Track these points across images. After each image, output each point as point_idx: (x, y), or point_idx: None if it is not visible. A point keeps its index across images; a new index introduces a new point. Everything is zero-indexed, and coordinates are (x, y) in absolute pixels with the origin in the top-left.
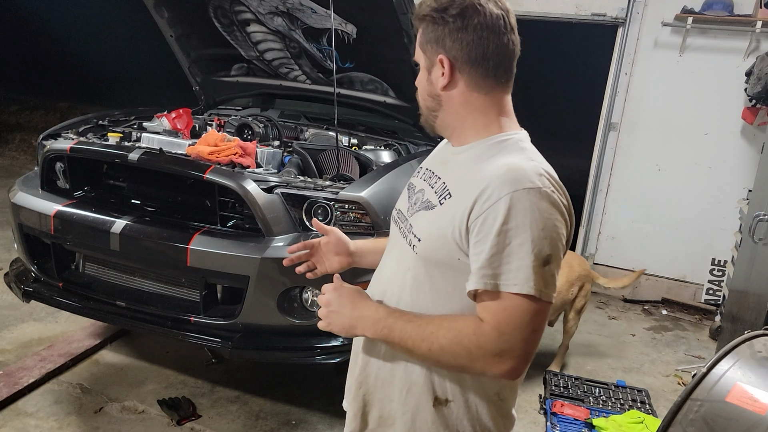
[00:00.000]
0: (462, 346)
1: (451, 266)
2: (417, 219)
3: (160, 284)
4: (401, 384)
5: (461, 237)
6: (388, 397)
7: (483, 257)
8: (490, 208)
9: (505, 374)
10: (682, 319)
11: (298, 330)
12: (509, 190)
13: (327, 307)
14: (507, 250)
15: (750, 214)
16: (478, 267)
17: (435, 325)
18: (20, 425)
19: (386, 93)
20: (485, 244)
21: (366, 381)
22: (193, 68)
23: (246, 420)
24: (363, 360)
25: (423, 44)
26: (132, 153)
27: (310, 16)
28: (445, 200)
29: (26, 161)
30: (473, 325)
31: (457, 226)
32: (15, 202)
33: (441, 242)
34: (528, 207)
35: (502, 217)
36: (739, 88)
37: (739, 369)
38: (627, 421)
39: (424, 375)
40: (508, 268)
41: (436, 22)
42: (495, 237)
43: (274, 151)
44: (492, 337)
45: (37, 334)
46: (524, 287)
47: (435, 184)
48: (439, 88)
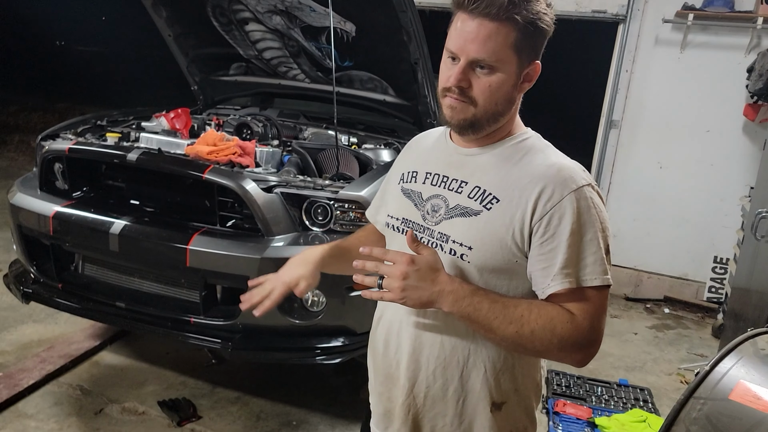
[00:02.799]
0: (554, 334)
1: (506, 270)
2: (454, 227)
3: (159, 285)
4: (456, 396)
5: (522, 239)
6: (441, 413)
7: (560, 257)
8: (555, 208)
9: (585, 361)
10: (684, 317)
11: (298, 330)
12: (570, 189)
13: (403, 280)
14: (581, 247)
15: (752, 211)
16: (559, 267)
17: (524, 308)
18: (20, 427)
19: (386, 91)
20: (556, 244)
21: (415, 403)
22: (192, 68)
23: (246, 421)
24: (407, 381)
25: (519, 46)
26: (131, 153)
27: (309, 15)
28: (492, 205)
29: (25, 162)
30: (566, 314)
31: (518, 229)
32: (14, 203)
33: (498, 247)
34: (590, 204)
35: (570, 216)
36: (740, 85)
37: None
38: (630, 420)
39: (480, 382)
40: (584, 264)
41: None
42: (568, 236)
43: (274, 151)
44: (585, 328)
45: (37, 336)
46: (603, 279)
47: (463, 189)
48: (520, 92)
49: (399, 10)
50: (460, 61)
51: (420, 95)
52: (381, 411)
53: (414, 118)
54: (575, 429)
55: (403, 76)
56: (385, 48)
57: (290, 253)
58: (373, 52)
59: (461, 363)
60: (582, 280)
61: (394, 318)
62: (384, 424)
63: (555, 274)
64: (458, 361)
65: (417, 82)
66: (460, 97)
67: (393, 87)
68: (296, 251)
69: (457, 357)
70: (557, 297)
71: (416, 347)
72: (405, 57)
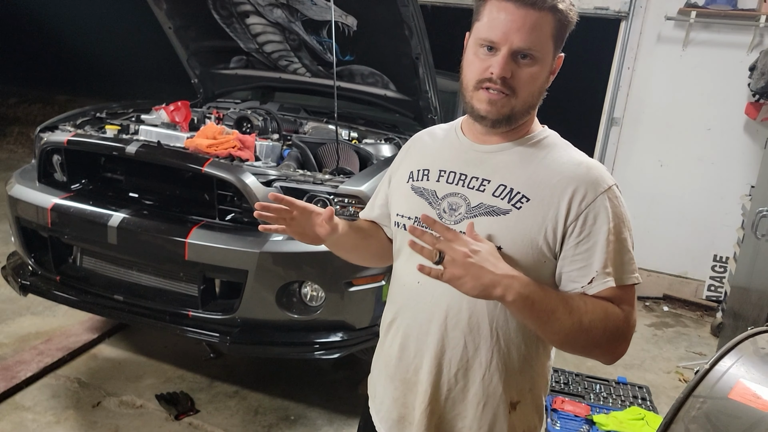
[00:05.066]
0: (609, 326)
1: (534, 270)
2: (479, 226)
3: (158, 278)
4: (476, 399)
5: (555, 239)
6: (460, 415)
7: (599, 257)
8: (589, 208)
9: (621, 356)
10: (683, 315)
11: (297, 325)
12: (602, 189)
13: (470, 257)
14: (618, 246)
15: (753, 210)
16: (601, 267)
17: (578, 300)
18: (18, 419)
19: (387, 86)
20: (592, 243)
21: (437, 407)
22: (192, 60)
23: (244, 415)
24: (430, 386)
25: (555, 37)
26: (130, 146)
27: (310, 8)
28: (522, 204)
29: (24, 154)
30: (617, 309)
31: (551, 229)
32: (12, 195)
33: (528, 247)
34: (619, 203)
35: (605, 216)
36: (742, 83)
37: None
38: (628, 417)
39: (502, 383)
40: (621, 261)
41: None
42: (606, 236)
43: (273, 145)
44: (630, 323)
45: (35, 328)
46: (636, 278)
47: (485, 186)
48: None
49: (401, 5)
50: (502, 50)
51: (421, 90)
52: (395, 417)
53: (415, 114)
54: (573, 426)
55: (405, 71)
56: (387, 42)
57: (289, 247)
58: (374, 47)
59: (483, 365)
60: (622, 279)
61: (413, 323)
62: (397, 429)
63: (597, 274)
64: (480, 364)
65: (418, 78)
66: (503, 88)
67: (394, 82)
68: (295, 246)
69: (480, 359)
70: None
71: (440, 349)
72: (406, 52)
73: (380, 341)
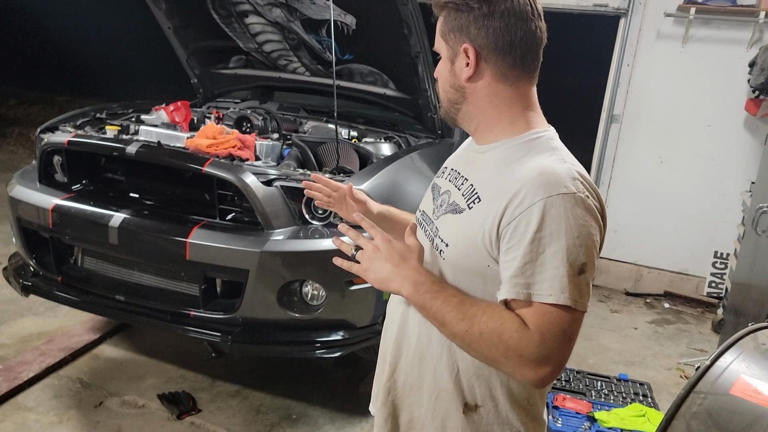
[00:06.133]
0: (501, 340)
1: (479, 273)
2: (444, 222)
3: (159, 278)
4: (430, 390)
5: (491, 244)
6: (417, 402)
7: (515, 265)
8: (522, 214)
9: (538, 381)
10: (684, 312)
11: (298, 324)
12: (543, 195)
13: (373, 253)
14: (541, 258)
15: (753, 206)
16: (510, 275)
17: (479, 308)
18: (20, 420)
19: (386, 85)
20: (517, 252)
21: (394, 387)
22: (191, 60)
23: (246, 414)
24: (390, 366)
25: (445, 33)
26: (130, 146)
27: (309, 7)
28: (474, 204)
29: (25, 155)
30: (518, 323)
31: (488, 232)
32: (13, 196)
33: (470, 249)
34: (562, 213)
35: (535, 223)
36: (742, 80)
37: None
38: (629, 414)
39: (453, 382)
40: (542, 278)
41: (459, 8)
42: (528, 245)
43: (273, 144)
44: (534, 341)
45: (37, 329)
46: (559, 297)
47: (462, 186)
48: (463, 79)
49: (399, 3)
50: None
51: (420, 89)
52: (375, 390)
53: (414, 112)
54: (574, 423)
55: (404, 69)
56: (386, 41)
57: (290, 247)
58: (373, 46)
59: (434, 360)
60: (533, 294)
61: (393, 308)
62: (376, 404)
63: (505, 281)
64: (432, 357)
65: (417, 76)
66: None
67: (393, 80)
68: (296, 245)
69: (432, 352)
70: (512, 306)
71: (399, 334)
72: (405, 50)
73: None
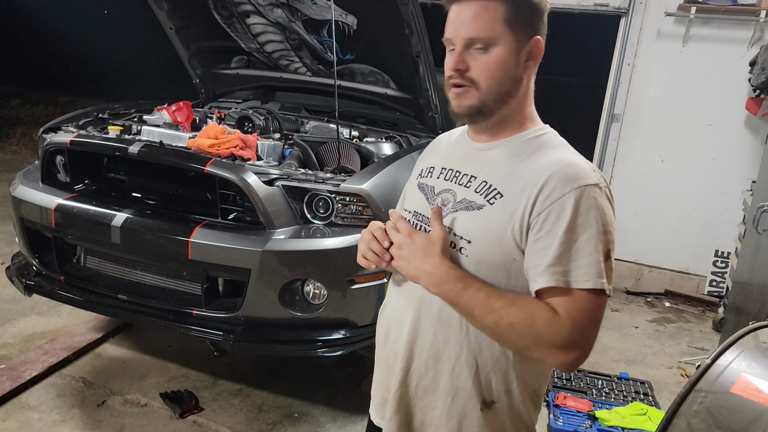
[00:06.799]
0: (533, 329)
1: (504, 267)
2: (457, 220)
3: (161, 277)
4: (446, 390)
5: (521, 235)
6: (431, 405)
7: (551, 254)
8: (554, 205)
9: (568, 365)
10: (685, 311)
11: (299, 323)
12: (572, 186)
13: (398, 250)
14: (575, 246)
15: (754, 205)
16: (547, 264)
17: (506, 300)
18: (23, 419)
19: (387, 85)
20: (550, 241)
21: (407, 392)
22: (193, 61)
23: (248, 413)
24: (401, 371)
25: (512, 21)
26: (132, 146)
27: (310, 8)
28: (495, 200)
29: (27, 155)
30: (548, 311)
31: (517, 224)
32: (16, 196)
33: (496, 243)
34: (592, 203)
35: (569, 213)
36: (742, 79)
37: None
38: (630, 413)
39: (471, 379)
40: (578, 264)
41: (529, 3)
42: (563, 234)
43: (275, 144)
44: (566, 327)
45: (40, 328)
46: (596, 282)
47: (471, 183)
48: (524, 70)
49: (401, 3)
50: (456, 46)
51: (421, 88)
52: (379, 399)
53: (415, 112)
54: (576, 422)
55: (405, 69)
56: (387, 41)
57: (291, 246)
58: (374, 45)
59: (452, 358)
60: (572, 281)
61: (396, 308)
62: (381, 412)
63: (543, 271)
64: (449, 356)
65: (418, 76)
66: (460, 80)
67: (394, 80)
68: (298, 244)
69: (449, 351)
70: (545, 294)
71: (411, 337)
72: (407, 50)
73: (377, 327)
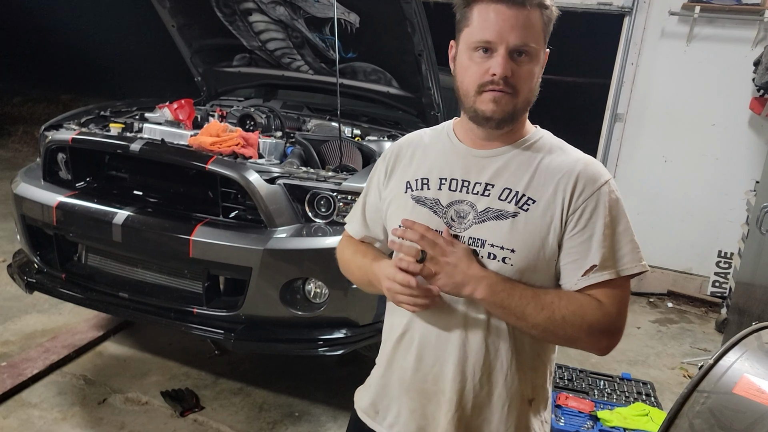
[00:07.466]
0: (584, 320)
1: (540, 269)
2: (488, 231)
3: (162, 275)
4: (501, 401)
5: (560, 235)
6: (486, 420)
7: (595, 250)
8: (587, 202)
9: (611, 347)
10: (687, 311)
11: (301, 321)
12: (599, 184)
13: (443, 257)
14: (616, 238)
15: (757, 205)
16: (600, 260)
17: (553, 296)
18: (24, 416)
19: (389, 83)
20: (588, 236)
21: (464, 415)
22: (195, 59)
23: (249, 412)
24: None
25: (545, 32)
26: (134, 144)
27: (313, 6)
28: (529, 206)
29: (29, 153)
30: (595, 302)
31: (558, 225)
32: (17, 194)
33: (539, 247)
34: (616, 196)
35: (603, 209)
36: (746, 79)
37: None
38: (632, 413)
39: (521, 382)
40: (622, 254)
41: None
42: (603, 229)
43: (277, 142)
44: (614, 315)
45: (41, 326)
46: (640, 266)
47: (489, 191)
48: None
49: (403, 1)
50: (499, 50)
51: (424, 87)
52: (414, 429)
53: (418, 110)
54: (577, 422)
55: (407, 67)
56: (389, 39)
57: (292, 244)
58: (377, 44)
59: (505, 366)
60: (621, 270)
61: (428, 332)
62: None
63: (596, 268)
64: (502, 365)
65: (421, 74)
66: (505, 88)
67: (397, 79)
68: (299, 243)
69: (500, 361)
70: (591, 287)
71: (461, 357)
72: (409, 49)
73: (389, 355)
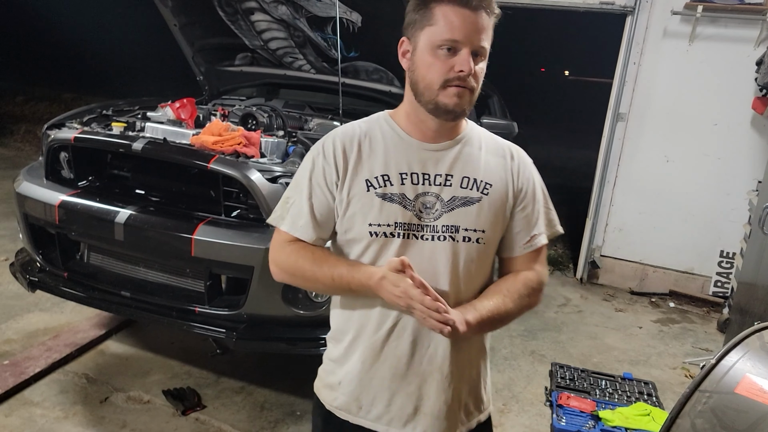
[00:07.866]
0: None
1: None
2: (459, 217)
3: (164, 274)
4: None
5: (511, 208)
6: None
7: (538, 220)
8: (527, 178)
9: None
10: (689, 311)
11: (302, 321)
12: (527, 161)
13: None
14: (548, 206)
15: (759, 205)
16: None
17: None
18: (26, 414)
19: (391, 82)
20: (534, 207)
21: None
22: (197, 58)
23: (251, 410)
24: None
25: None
26: (136, 143)
27: (315, 5)
28: (488, 190)
29: (31, 152)
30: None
31: (510, 204)
32: (20, 192)
33: (501, 223)
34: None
35: (538, 183)
36: (749, 78)
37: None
38: (633, 413)
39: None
40: (552, 215)
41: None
42: (541, 199)
43: (279, 141)
44: (544, 273)
45: (43, 324)
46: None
47: (450, 181)
48: None
49: (405, 0)
50: (463, 50)
51: None
52: (411, 411)
53: None
54: (579, 422)
55: None
56: (391, 38)
57: None
58: (378, 43)
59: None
60: (552, 234)
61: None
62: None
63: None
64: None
65: None
66: (466, 84)
67: (398, 78)
68: None
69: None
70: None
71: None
72: None
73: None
